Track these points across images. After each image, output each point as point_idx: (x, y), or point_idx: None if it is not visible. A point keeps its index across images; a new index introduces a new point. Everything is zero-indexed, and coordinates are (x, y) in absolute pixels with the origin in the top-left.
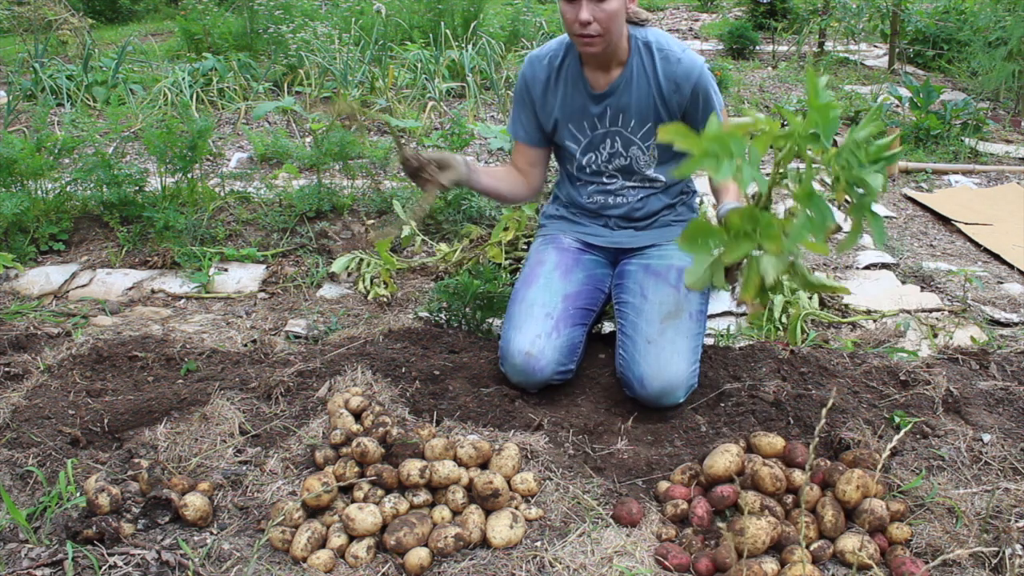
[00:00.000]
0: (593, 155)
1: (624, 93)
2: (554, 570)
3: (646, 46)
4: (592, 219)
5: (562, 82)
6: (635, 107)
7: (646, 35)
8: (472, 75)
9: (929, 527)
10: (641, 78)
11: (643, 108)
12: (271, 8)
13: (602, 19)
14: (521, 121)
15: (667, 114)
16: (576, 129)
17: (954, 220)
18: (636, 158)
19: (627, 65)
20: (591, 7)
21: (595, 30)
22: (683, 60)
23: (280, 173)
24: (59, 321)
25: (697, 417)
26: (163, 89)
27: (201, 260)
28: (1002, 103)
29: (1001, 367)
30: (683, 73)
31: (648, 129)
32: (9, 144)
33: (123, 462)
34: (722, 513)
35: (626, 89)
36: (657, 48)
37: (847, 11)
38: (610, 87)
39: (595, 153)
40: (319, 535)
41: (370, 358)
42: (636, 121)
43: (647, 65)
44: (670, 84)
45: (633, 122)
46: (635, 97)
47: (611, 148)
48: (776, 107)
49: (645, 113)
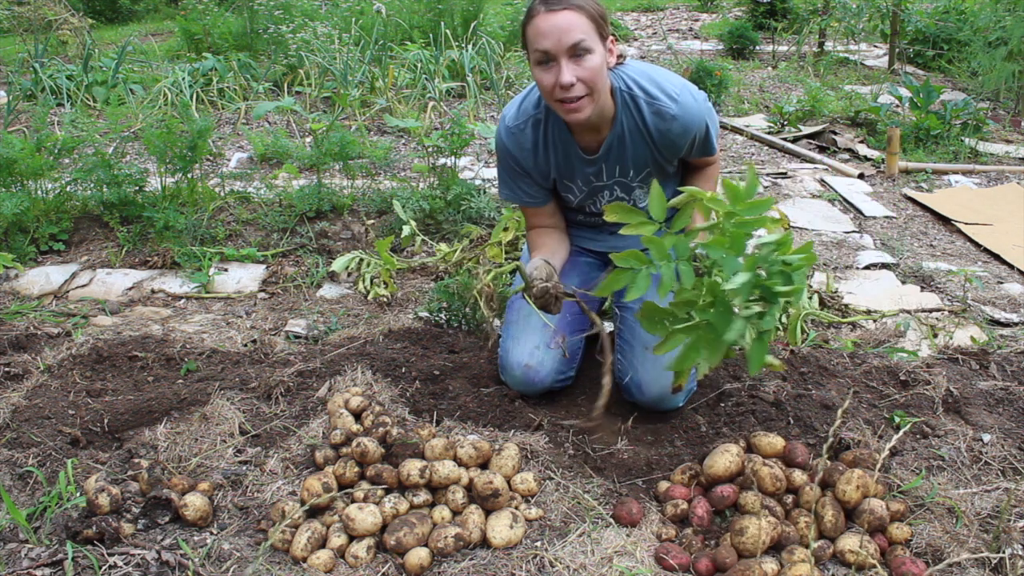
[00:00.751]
0: (593, 200)
1: (618, 150)
2: (554, 570)
3: (633, 100)
4: (587, 228)
5: (551, 147)
6: (632, 159)
7: (629, 86)
8: (472, 75)
9: (929, 527)
10: (634, 134)
11: (640, 158)
12: (271, 8)
13: (586, 77)
14: (523, 189)
15: (663, 158)
16: (573, 184)
17: (954, 220)
18: (637, 199)
19: (615, 122)
20: (571, 67)
21: (580, 91)
22: (679, 118)
23: (280, 173)
24: (59, 321)
25: (697, 417)
26: (163, 89)
27: (201, 260)
28: (1002, 103)
29: (1001, 367)
30: (679, 129)
31: (647, 173)
32: (9, 144)
33: (123, 462)
34: (722, 513)
35: (619, 147)
36: (646, 102)
37: (847, 11)
38: (603, 150)
39: (596, 199)
40: (319, 535)
41: (370, 358)
42: (634, 170)
43: (637, 121)
44: (665, 139)
45: (632, 172)
46: (631, 152)
47: (610, 196)
48: (776, 106)
49: (643, 162)
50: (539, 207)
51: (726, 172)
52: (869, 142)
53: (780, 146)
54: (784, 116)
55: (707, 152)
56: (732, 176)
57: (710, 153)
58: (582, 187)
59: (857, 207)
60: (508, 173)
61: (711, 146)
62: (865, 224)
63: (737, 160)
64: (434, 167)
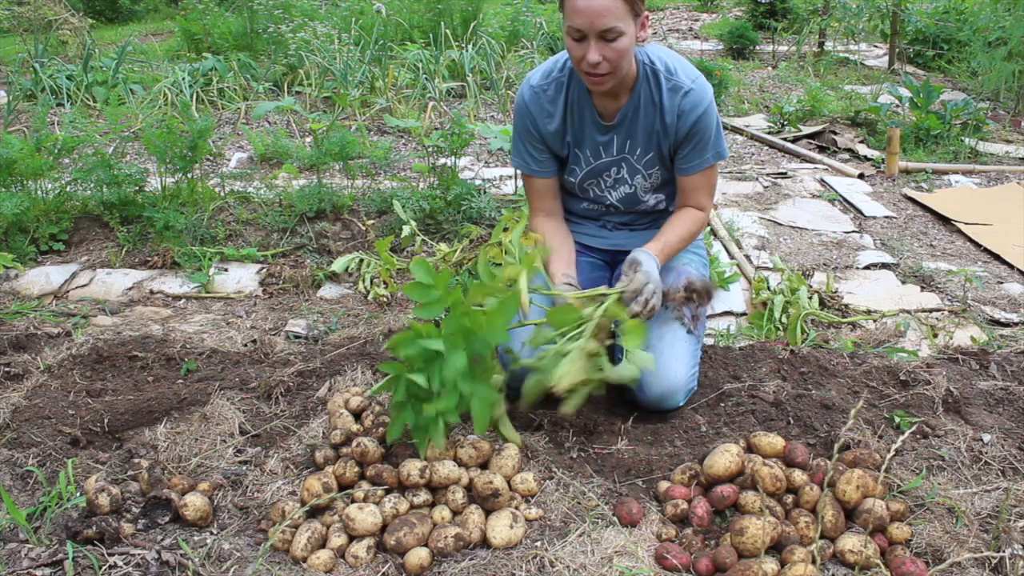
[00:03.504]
0: (596, 180)
1: (632, 121)
2: (554, 570)
3: (654, 74)
4: (589, 221)
5: (570, 109)
6: (642, 134)
7: (653, 60)
8: (472, 75)
9: (929, 527)
10: (648, 107)
11: (648, 134)
12: (271, 8)
13: (612, 58)
14: (532, 155)
15: (667, 144)
16: (582, 154)
17: (954, 220)
18: (639, 189)
19: (634, 92)
20: (600, 46)
21: (605, 68)
22: (690, 93)
23: (280, 173)
24: (59, 321)
25: (697, 417)
26: (163, 89)
27: (201, 260)
28: (1002, 103)
29: (1001, 367)
30: (688, 105)
31: (651, 158)
32: (9, 144)
33: (123, 462)
34: (722, 513)
35: (633, 117)
36: (665, 77)
37: (847, 11)
38: (619, 117)
39: (600, 179)
40: (319, 535)
41: (370, 358)
42: (641, 148)
43: (654, 94)
44: (673, 115)
45: (639, 149)
46: (642, 125)
47: (616, 175)
48: (776, 106)
49: (649, 139)
50: (544, 179)
51: (726, 172)
52: (869, 142)
53: (780, 146)
54: (784, 116)
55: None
56: (732, 175)
57: (711, 152)
58: (590, 158)
59: (857, 207)
60: (521, 136)
61: (718, 144)
62: (865, 224)
63: (737, 160)
64: (434, 167)
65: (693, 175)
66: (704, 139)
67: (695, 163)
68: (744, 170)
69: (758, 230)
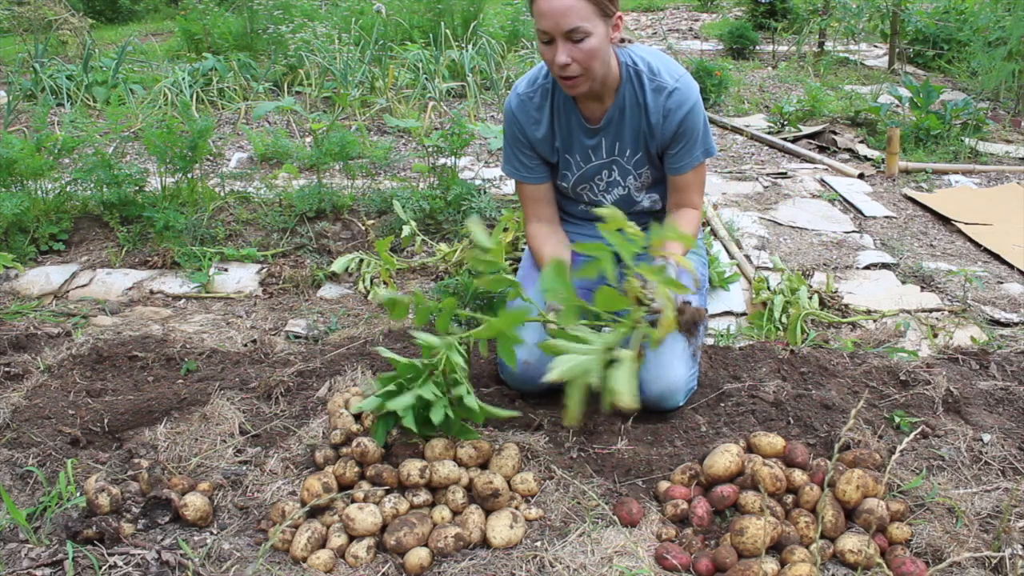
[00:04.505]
0: (589, 184)
1: (618, 123)
2: (554, 570)
3: (637, 75)
4: (588, 223)
5: (557, 115)
6: (629, 135)
7: (635, 61)
8: (472, 75)
9: (929, 527)
10: (633, 108)
11: (635, 135)
12: (271, 8)
13: (581, 59)
14: (523, 162)
15: (654, 145)
16: (572, 159)
17: (954, 220)
18: (632, 189)
19: (619, 94)
20: (568, 48)
21: (575, 71)
22: (675, 93)
23: (280, 173)
24: (59, 321)
25: (697, 417)
26: (163, 89)
27: (201, 260)
28: (1002, 103)
29: (1001, 367)
30: (674, 105)
31: (640, 158)
32: (9, 144)
33: (123, 462)
34: (722, 513)
35: (619, 120)
36: (648, 78)
37: (847, 11)
38: (605, 120)
39: (593, 183)
40: (319, 535)
41: (370, 358)
42: (630, 149)
43: (638, 95)
44: (659, 115)
45: (628, 151)
46: (628, 126)
47: (608, 177)
48: (776, 106)
49: (637, 140)
50: (537, 185)
51: (726, 172)
52: (869, 142)
53: (780, 146)
54: (784, 116)
55: (695, 148)
56: (732, 175)
57: (700, 149)
58: (580, 163)
59: (857, 207)
60: (511, 144)
61: (706, 140)
62: (865, 224)
63: (737, 160)
64: (434, 167)
65: (685, 174)
66: (693, 137)
67: (686, 162)
68: (744, 170)
69: (758, 230)
